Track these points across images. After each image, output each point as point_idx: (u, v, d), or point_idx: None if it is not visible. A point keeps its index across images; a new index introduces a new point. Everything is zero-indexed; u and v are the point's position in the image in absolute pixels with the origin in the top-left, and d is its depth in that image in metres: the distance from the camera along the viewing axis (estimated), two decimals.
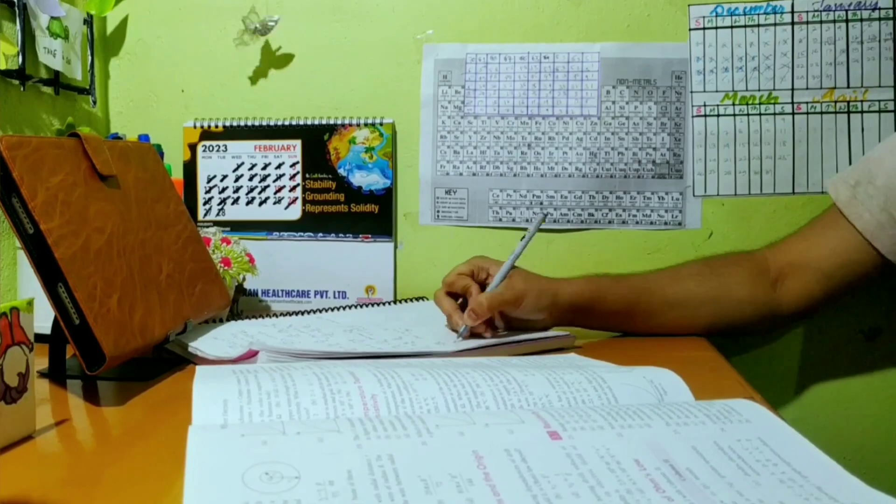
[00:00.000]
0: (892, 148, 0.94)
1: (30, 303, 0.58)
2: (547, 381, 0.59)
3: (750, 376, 0.80)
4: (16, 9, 1.01)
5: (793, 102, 1.16)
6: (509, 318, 0.91)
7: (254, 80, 1.24)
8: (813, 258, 0.97)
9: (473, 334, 0.88)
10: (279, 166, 1.21)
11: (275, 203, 1.21)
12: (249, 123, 1.21)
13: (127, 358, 0.70)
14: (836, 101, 1.15)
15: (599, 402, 0.57)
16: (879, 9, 1.13)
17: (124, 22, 1.26)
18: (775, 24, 1.16)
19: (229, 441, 0.44)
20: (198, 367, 0.65)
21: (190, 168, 1.22)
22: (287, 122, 1.21)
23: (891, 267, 0.95)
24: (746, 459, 0.45)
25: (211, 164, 1.22)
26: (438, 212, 1.22)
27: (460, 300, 0.93)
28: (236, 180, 1.22)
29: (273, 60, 1.23)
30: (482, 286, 0.92)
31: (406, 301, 1.12)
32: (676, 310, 0.96)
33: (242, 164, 1.22)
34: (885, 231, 0.92)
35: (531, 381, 0.59)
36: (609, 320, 0.96)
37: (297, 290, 1.21)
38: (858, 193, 0.94)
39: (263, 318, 1.00)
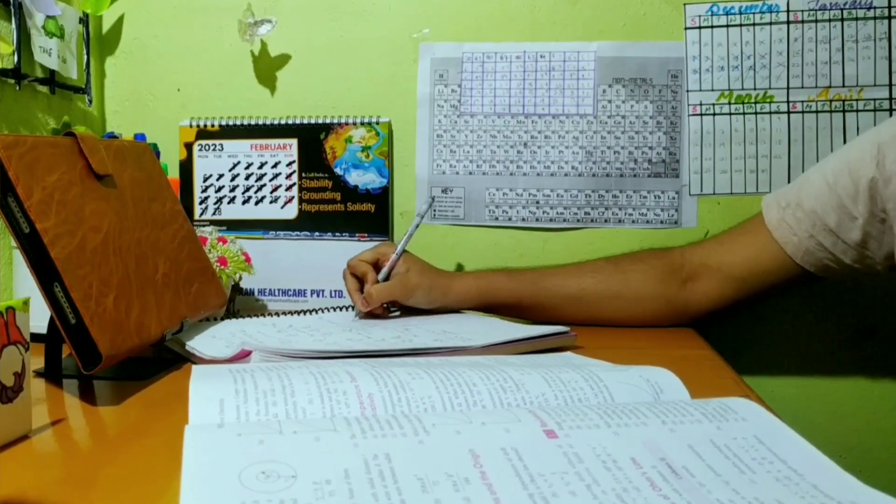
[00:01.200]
0: (822, 171, 0.93)
1: (26, 302, 0.57)
2: (543, 380, 0.59)
3: (746, 374, 0.81)
4: (11, 7, 1.01)
5: (788, 101, 1.16)
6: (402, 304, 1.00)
7: (250, 78, 1.24)
8: (727, 263, 0.98)
9: (368, 314, 0.98)
10: (275, 165, 1.21)
11: (271, 202, 1.21)
12: (246, 122, 1.21)
13: (123, 357, 0.70)
14: (831, 100, 1.15)
15: (596, 400, 0.57)
16: (874, 8, 1.13)
17: (120, 21, 1.25)
18: (771, 23, 1.16)
19: (226, 440, 0.44)
20: (194, 367, 0.65)
21: (186, 167, 1.22)
22: (283, 121, 1.21)
23: (815, 279, 0.97)
24: (742, 458, 0.45)
25: (207, 163, 1.22)
26: (435, 211, 1.22)
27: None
28: (232, 179, 1.22)
29: (269, 59, 1.23)
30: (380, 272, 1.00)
31: None
32: (572, 305, 0.99)
33: (239, 163, 1.21)
34: (813, 255, 0.93)
35: (528, 380, 0.59)
36: (502, 312, 1.02)
37: (294, 290, 1.20)
38: (787, 216, 0.94)
39: (264, 316, 1.00)
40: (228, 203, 1.22)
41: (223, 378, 0.58)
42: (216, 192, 1.22)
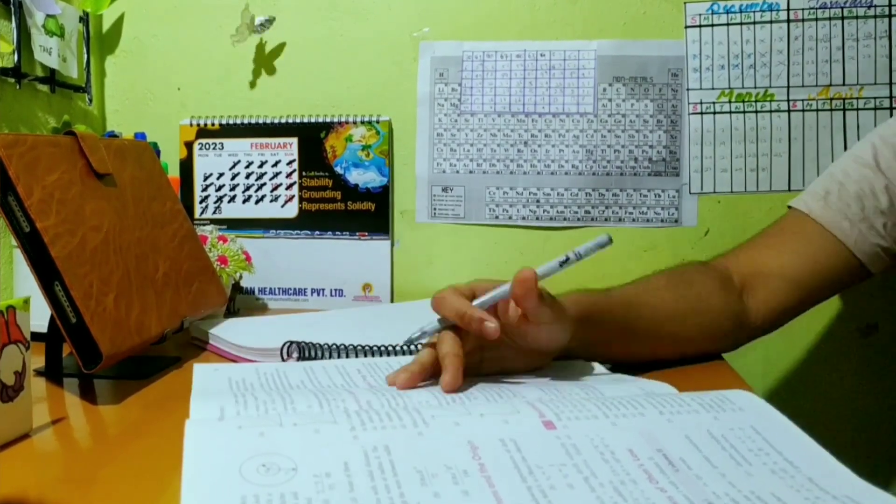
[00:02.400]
0: (856, 157, 0.90)
1: (26, 301, 0.58)
2: (538, 388, 0.59)
3: (745, 372, 0.81)
4: (11, 6, 1.01)
5: (788, 100, 1.16)
6: (513, 342, 0.68)
7: (250, 77, 1.24)
8: (780, 266, 0.89)
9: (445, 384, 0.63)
10: (276, 164, 1.21)
11: (271, 201, 1.21)
12: (246, 121, 1.21)
13: (123, 356, 0.70)
14: (831, 99, 1.15)
15: (592, 397, 0.57)
16: (875, 6, 1.13)
17: (120, 20, 1.26)
18: (771, 22, 1.16)
19: (226, 433, 0.44)
20: (195, 377, 0.65)
21: (186, 166, 1.22)
22: (283, 120, 1.21)
23: (866, 274, 0.90)
24: (739, 449, 0.45)
25: (207, 162, 1.22)
26: (435, 209, 1.22)
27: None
28: (233, 178, 1.22)
29: (269, 58, 1.24)
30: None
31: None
32: (668, 323, 0.81)
33: (239, 161, 1.22)
34: (866, 241, 0.87)
35: (523, 388, 0.59)
36: (610, 336, 0.76)
37: (294, 289, 1.21)
38: (831, 203, 0.89)
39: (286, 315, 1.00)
40: (229, 202, 1.22)
41: (223, 393, 0.58)
42: (216, 190, 1.22)
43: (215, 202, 1.22)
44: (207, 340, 0.87)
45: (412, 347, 0.73)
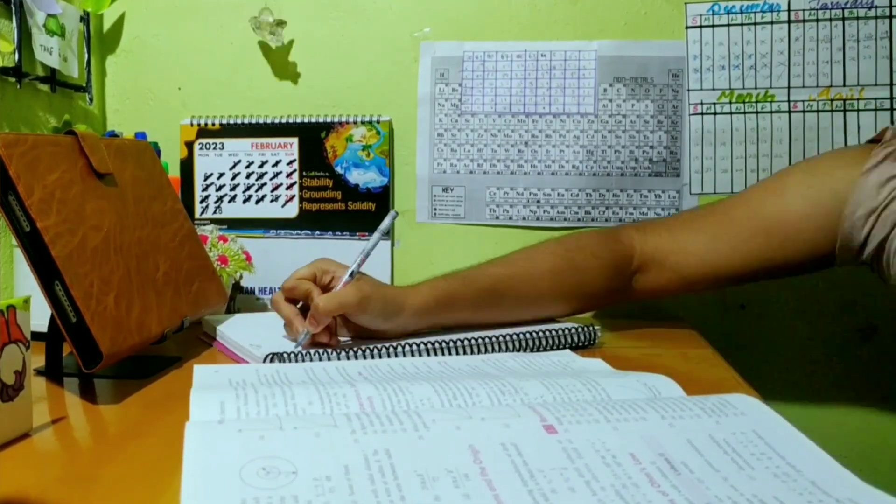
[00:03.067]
0: None
1: (26, 301, 0.58)
2: (542, 385, 0.59)
3: (745, 373, 0.81)
4: (12, 6, 1.01)
5: (789, 101, 1.16)
6: (355, 325, 0.85)
7: (251, 77, 1.24)
8: (679, 262, 0.95)
9: (315, 343, 0.81)
10: (276, 164, 1.21)
11: (272, 201, 1.21)
12: (246, 121, 1.21)
13: (124, 356, 0.70)
14: (832, 100, 1.15)
15: (594, 400, 0.57)
16: (876, 7, 1.13)
17: (121, 19, 1.26)
18: (772, 23, 1.16)
19: (226, 436, 0.44)
20: (195, 378, 0.65)
21: (187, 166, 1.22)
22: (284, 120, 1.21)
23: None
24: (741, 453, 0.45)
25: (208, 161, 1.22)
26: (435, 210, 1.22)
27: (300, 304, 0.85)
28: (233, 178, 1.22)
29: (270, 58, 1.23)
30: (325, 290, 0.83)
31: None
32: (529, 308, 0.94)
33: (239, 161, 1.22)
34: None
35: (526, 385, 0.59)
36: (458, 322, 0.91)
37: None
38: None
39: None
40: (229, 202, 1.22)
41: (223, 387, 0.58)
42: (217, 190, 1.22)
43: (216, 202, 1.22)
44: (215, 336, 0.87)
45: (405, 349, 0.79)
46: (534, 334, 0.84)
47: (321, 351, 0.77)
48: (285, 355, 0.75)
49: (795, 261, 0.91)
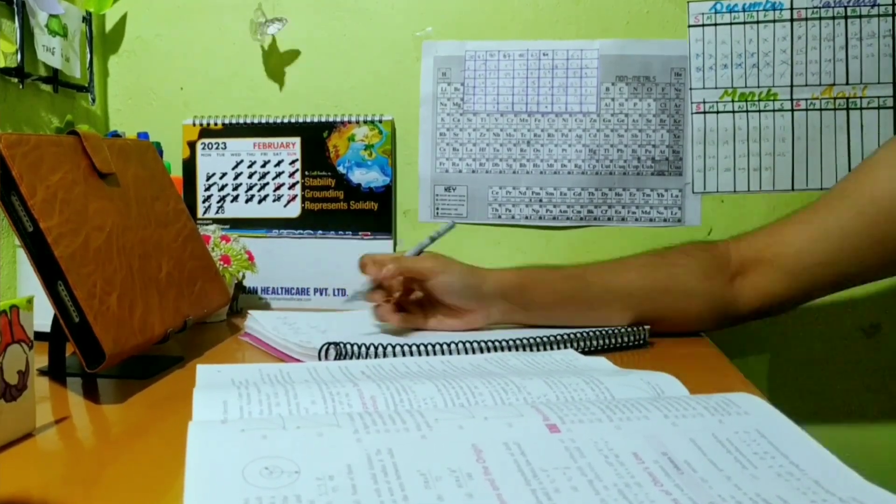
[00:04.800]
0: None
1: (29, 301, 0.58)
2: (545, 384, 0.59)
3: (749, 373, 0.80)
4: (14, 6, 1.01)
5: (792, 99, 1.16)
6: (433, 300, 0.87)
7: (253, 77, 1.24)
8: (778, 254, 0.90)
9: (383, 319, 0.85)
10: (278, 164, 1.21)
11: (274, 201, 1.21)
12: (249, 121, 1.21)
13: (127, 356, 0.70)
14: (835, 98, 1.15)
15: (597, 399, 0.57)
16: (878, 5, 1.13)
17: (123, 19, 1.26)
18: (774, 21, 1.16)
19: (229, 436, 0.44)
20: (198, 378, 0.65)
21: (189, 166, 1.22)
22: (286, 120, 1.21)
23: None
24: (744, 452, 0.45)
25: (210, 161, 1.22)
26: (438, 209, 1.22)
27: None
28: (236, 178, 1.22)
29: (272, 58, 1.23)
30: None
31: None
32: (618, 301, 0.89)
33: (242, 161, 1.22)
34: None
35: (529, 384, 0.59)
36: (542, 312, 0.89)
37: (297, 288, 1.21)
38: None
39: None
40: (231, 202, 1.22)
41: (226, 386, 0.58)
42: (219, 190, 1.22)
43: (218, 202, 1.22)
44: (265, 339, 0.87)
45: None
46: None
47: (376, 346, 0.77)
48: (342, 346, 0.76)
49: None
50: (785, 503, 0.40)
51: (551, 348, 0.81)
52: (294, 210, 1.21)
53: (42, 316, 0.63)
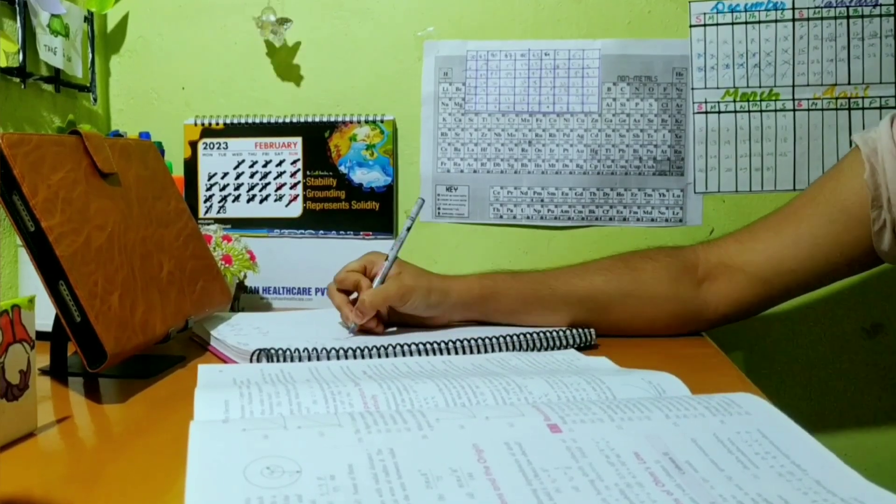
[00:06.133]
0: None
1: (31, 300, 0.58)
2: (546, 383, 0.59)
3: (750, 373, 0.80)
4: (16, 6, 1.01)
5: (794, 99, 1.16)
6: (401, 314, 0.90)
7: (254, 77, 1.24)
8: (748, 261, 0.91)
9: (363, 330, 0.88)
10: (280, 164, 1.21)
11: (276, 200, 1.21)
12: (250, 121, 1.21)
13: (128, 355, 0.70)
14: (837, 98, 1.15)
15: (598, 399, 0.57)
16: (880, 5, 1.13)
17: (125, 19, 1.26)
18: (776, 21, 1.16)
19: (231, 435, 0.44)
20: (199, 375, 0.65)
21: (191, 165, 1.22)
22: (288, 120, 1.21)
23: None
24: (746, 452, 0.45)
25: (212, 161, 1.22)
26: (439, 209, 1.22)
27: (353, 295, 0.92)
28: (237, 178, 1.22)
29: (274, 57, 1.23)
30: (374, 281, 0.91)
31: None
32: (582, 306, 0.91)
33: (243, 161, 1.22)
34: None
35: (530, 383, 0.59)
36: (504, 317, 0.92)
37: (298, 288, 1.21)
38: None
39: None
40: (233, 201, 1.22)
41: (228, 386, 0.58)
42: (221, 190, 1.22)
43: (219, 201, 1.22)
44: (209, 341, 0.87)
45: (397, 350, 0.79)
46: (533, 335, 0.83)
47: (311, 349, 0.76)
48: (272, 352, 0.75)
49: (865, 241, 0.87)
50: (786, 503, 0.40)
51: (496, 349, 0.81)
52: (295, 210, 1.21)
53: (43, 315, 0.63)
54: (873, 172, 0.84)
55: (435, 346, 0.79)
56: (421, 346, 0.79)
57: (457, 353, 0.79)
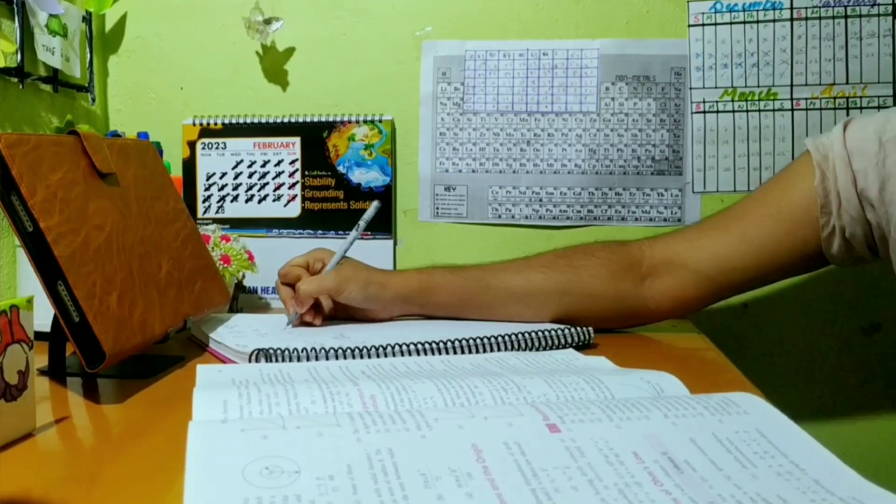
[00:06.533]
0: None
1: (29, 300, 0.57)
2: (545, 383, 0.59)
3: (748, 372, 0.80)
4: (14, 6, 1.01)
5: (792, 98, 1.16)
6: (345, 307, 0.93)
7: (253, 77, 1.24)
8: (694, 258, 0.92)
9: (303, 322, 0.91)
10: (278, 163, 1.21)
11: (274, 200, 1.21)
12: (248, 121, 1.21)
13: (127, 355, 0.70)
14: (835, 98, 1.15)
15: (597, 398, 0.57)
16: (878, 4, 1.13)
17: (123, 19, 1.26)
18: (774, 21, 1.16)
19: (229, 436, 0.44)
20: (198, 375, 0.65)
21: (189, 165, 1.22)
22: (286, 120, 1.21)
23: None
24: (744, 451, 0.45)
25: (210, 161, 1.22)
26: (438, 209, 1.22)
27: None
28: (235, 178, 1.22)
29: (272, 57, 1.23)
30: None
31: None
32: (518, 302, 0.92)
33: (242, 161, 1.22)
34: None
35: (529, 383, 0.59)
36: (442, 311, 0.94)
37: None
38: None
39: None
40: (231, 201, 1.22)
41: (226, 386, 0.58)
42: (219, 190, 1.22)
43: (218, 201, 1.22)
44: (207, 342, 0.87)
45: (396, 350, 0.78)
46: (531, 334, 0.83)
47: (309, 349, 0.76)
48: (271, 352, 0.75)
49: (813, 244, 0.87)
50: (785, 502, 0.40)
51: (491, 349, 0.81)
52: (294, 210, 1.21)
53: (42, 316, 0.63)
54: (823, 179, 0.85)
55: (434, 346, 0.79)
56: (420, 346, 0.78)
57: (455, 352, 0.79)
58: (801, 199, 0.87)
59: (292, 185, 1.21)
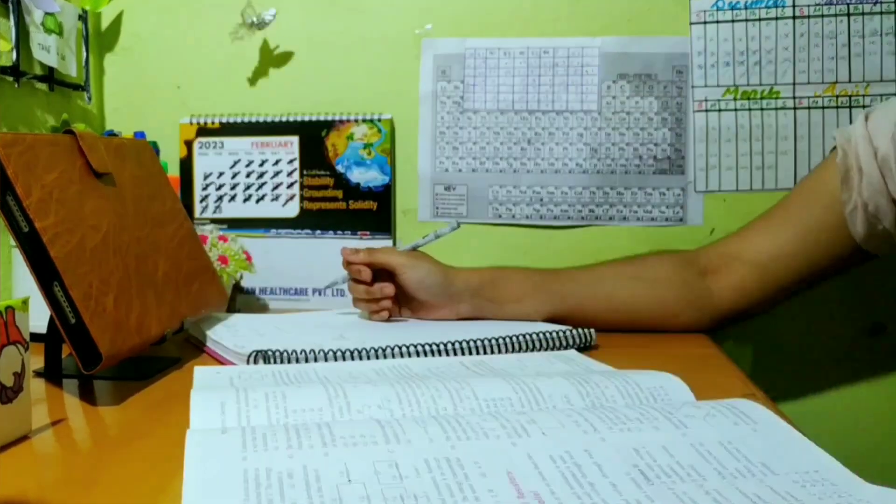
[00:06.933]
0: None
1: (25, 302, 0.57)
2: (566, 383, 0.58)
3: (752, 373, 0.80)
4: (10, 4, 1.00)
5: (794, 97, 1.15)
6: (408, 302, 0.93)
7: (251, 75, 1.23)
8: (745, 249, 0.95)
9: (374, 312, 0.92)
10: (276, 163, 1.20)
11: (272, 200, 1.21)
12: (246, 120, 1.20)
13: (123, 357, 0.69)
14: (837, 96, 1.14)
15: (598, 403, 0.56)
16: (881, 2, 1.13)
17: (119, 17, 1.25)
18: (777, 18, 1.15)
19: (227, 444, 0.43)
20: (196, 379, 0.64)
21: (186, 165, 1.21)
22: (284, 119, 1.20)
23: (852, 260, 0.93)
24: (750, 458, 0.45)
25: (207, 160, 1.21)
26: (438, 208, 1.21)
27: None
28: (233, 177, 1.21)
29: (270, 56, 1.23)
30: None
31: None
32: (588, 289, 0.94)
33: (239, 160, 1.21)
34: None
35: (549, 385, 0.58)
36: (513, 304, 0.93)
37: (295, 288, 1.20)
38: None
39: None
40: (229, 201, 1.21)
41: (224, 388, 0.57)
42: (217, 190, 1.21)
43: (215, 201, 1.21)
44: (204, 342, 0.86)
45: (396, 351, 0.77)
46: (533, 335, 0.82)
47: (308, 350, 0.76)
48: (269, 353, 0.74)
49: (845, 227, 0.90)
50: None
51: (490, 351, 0.80)
52: (292, 209, 1.21)
53: (38, 317, 0.62)
54: (845, 156, 0.89)
55: (433, 347, 0.78)
56: (419, 347, 0.78)
57: (455, 354, 0.79)
58: (830, 178, 0.91)
59: (290, 185, 1.20)
